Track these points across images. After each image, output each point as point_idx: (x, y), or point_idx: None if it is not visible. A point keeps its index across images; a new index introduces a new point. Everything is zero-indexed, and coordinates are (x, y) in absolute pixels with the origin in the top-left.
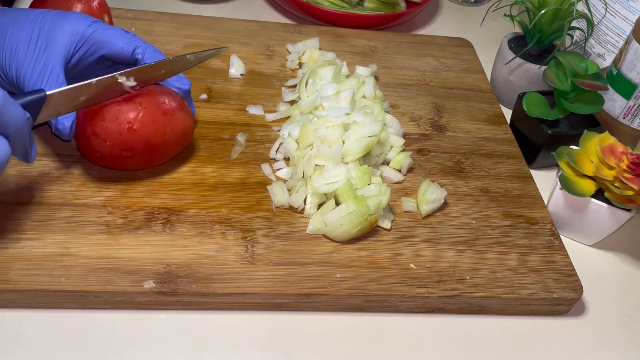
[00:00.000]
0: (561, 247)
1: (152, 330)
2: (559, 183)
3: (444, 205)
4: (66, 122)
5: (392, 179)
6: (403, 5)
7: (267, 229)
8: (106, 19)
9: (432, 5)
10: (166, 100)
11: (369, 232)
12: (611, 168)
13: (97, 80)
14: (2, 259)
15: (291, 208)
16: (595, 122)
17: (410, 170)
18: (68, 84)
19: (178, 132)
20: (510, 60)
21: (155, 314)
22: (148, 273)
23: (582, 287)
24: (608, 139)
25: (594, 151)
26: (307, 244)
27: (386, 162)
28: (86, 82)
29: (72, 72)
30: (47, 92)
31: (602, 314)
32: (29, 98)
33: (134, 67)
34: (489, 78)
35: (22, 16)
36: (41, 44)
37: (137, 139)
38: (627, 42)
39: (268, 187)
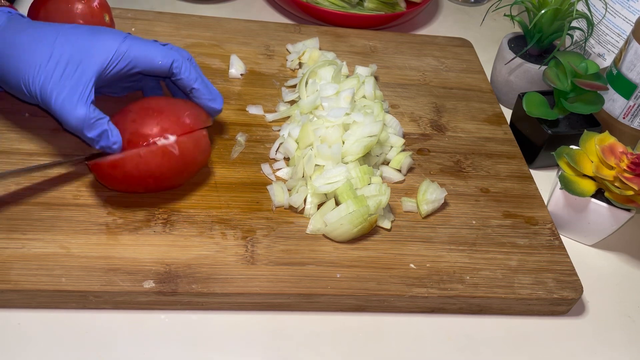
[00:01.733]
0: (561, 247)
1: (152, 330)
2: (559, 183)
3: (444, 205)
4: (117, 141)
5: (392, 179)
6: (403, 5)
7: (267, 229)
8: (107, 18)
9: (432, 5)
10: (191, 147)
11: (369, 232)
12: (611, 168)
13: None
14: (2, 259)
15: (291, 208)
16: (595, 122)
17: (410, 170)
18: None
19: (192, 171)
20: (510, 60)
21: (155, 314)
22: (148, 273)
23: (582, 287)
24: (608, 139)
25: (594, 151)
26: (307, 244)
27: (386, 162)
28: (40, 164)
29: (103, 82)
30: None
31: (602, 314)
32: None
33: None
34: (489, 78)
35: (47, 34)
36: (72, 66)
37: (154, 183)
38: (627, 42)
39: (268, 187)
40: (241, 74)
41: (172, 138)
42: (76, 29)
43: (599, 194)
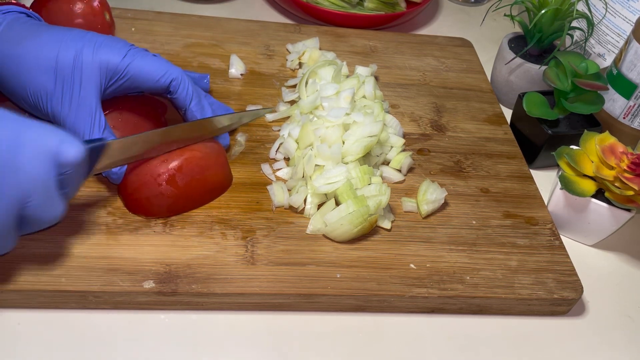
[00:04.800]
0: (561, 247)
1: (152, 330)
2: (559, 183)
3: (444, 205)
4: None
5: (392, 179)
6: (403, 5)
7: (267, 229)
8: (107, 16)
9: (432, 5)
10: (210, 173)
11: (369, 232)
12: (611, 168)
13: (153, 133)
14: (2, 259)
15: (291, 208)
16: (595, 122)
17: (410, 170)
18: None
19: (218, 178)
20: (511, 60)
21: (155, 314)
22: (148, 273)
23: (582, 287)
24: (608, 139)
25: (594, 151)
26: (307, 244)
27: (386, 162)
28: (144, 133)
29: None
30: (107, 141)
31: (602, 314)
32: (89, 146)
33: (188, 124)
34: (489, 78)
35: (49, 48)
36: (75, 81)
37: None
38: (627, 42)
39: (268, 187)
40: (241, 74)
41: (174, 163)
42: (78, 41)
43: (599, 194)
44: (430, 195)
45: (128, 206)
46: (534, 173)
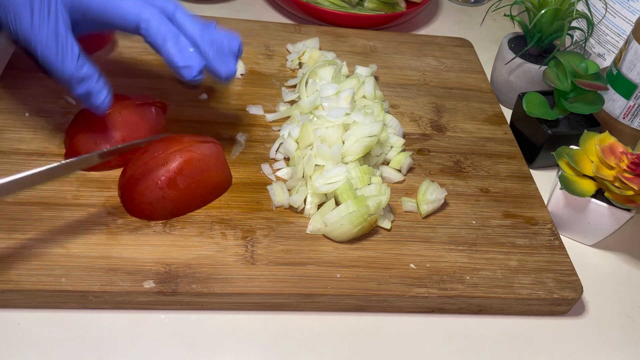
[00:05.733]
0: (561, 247)
1: (152, 330)
2: (559, 183)
3: (444, 205)
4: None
5: (392, 179)
6: (403, 5)
7: (267, 229)
8: None
9: (432, 5)
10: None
11: (369, 232)
12: (611, 168)
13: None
14: (2, 259)
15: (291, 208)
16: (595, 122)
17: (410, 170)
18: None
19: (217, 176)
20: (510, 60)
21: (155, 314)
22: (148, 273)
23: (582, 287)
24: (608, 139)
25: (594, 151)
26: (307, 244)
27: (386, 162)
28: (36, 170)
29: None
30: None
31: (602, 314)
32: None
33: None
34: (489, 78)
35: None
36: (44, 5)
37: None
38: (627, 42)
39: (268, 187)
40: (241, 74)
41: (173, 165)
42: None
43: (599, 194)
44: (430, 195)
45: (131, 212)
46: (534, 173)
